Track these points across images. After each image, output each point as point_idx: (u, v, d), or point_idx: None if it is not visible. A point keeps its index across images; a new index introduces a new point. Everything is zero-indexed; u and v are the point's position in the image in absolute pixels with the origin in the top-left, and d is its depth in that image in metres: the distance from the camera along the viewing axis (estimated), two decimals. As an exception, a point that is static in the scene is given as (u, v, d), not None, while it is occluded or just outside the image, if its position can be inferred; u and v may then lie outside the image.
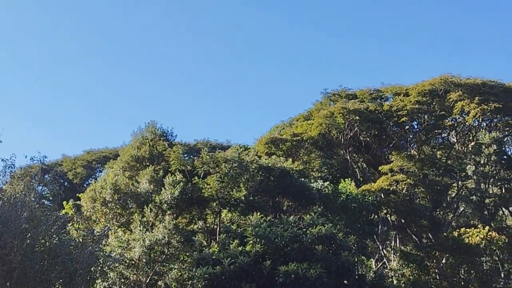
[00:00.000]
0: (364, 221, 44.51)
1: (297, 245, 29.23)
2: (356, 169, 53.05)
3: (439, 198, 48.42)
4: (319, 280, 27.80)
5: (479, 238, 42.76)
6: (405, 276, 44.47)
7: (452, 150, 51.49)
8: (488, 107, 47.04)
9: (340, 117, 49.05)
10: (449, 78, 50.51)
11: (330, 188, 43.11)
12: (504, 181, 48.95)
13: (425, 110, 49.64)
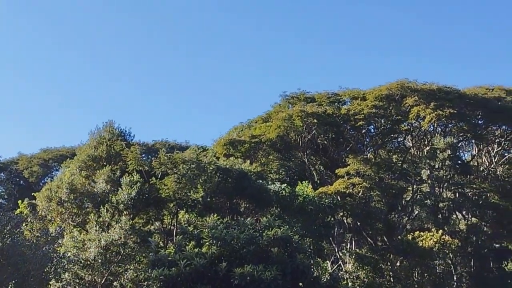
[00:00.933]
0: (320, 223, 45.01)
1: (253, 247, 29.46)
2: (313, 172, 53.65)
3: (394, 202, 49.37)
4: (274, 282, 28.08)
5: (433, 241, 43.64)
6: (360, 279, 45.18)
7: (408, 154, 52.51)
8: (443, 113, 48.05)
9: (299, 120, 49.55)
10: (405, 83, 51.44)
11: (288, 190, 43.49)
12: (458, 185, 50.19)
13: (381, 115, 50.49)
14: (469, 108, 51.82)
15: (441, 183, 49.52)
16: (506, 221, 50.58)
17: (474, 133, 52.42)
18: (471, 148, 58.01)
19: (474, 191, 50.91)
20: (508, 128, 53.78)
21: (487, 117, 52.57)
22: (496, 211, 50.32)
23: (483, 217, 50.45)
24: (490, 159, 55.06)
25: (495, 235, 51.66)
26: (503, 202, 50.66)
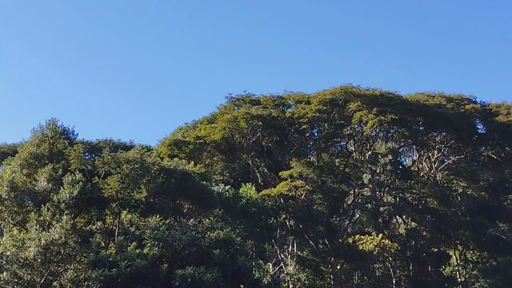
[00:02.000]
0: (263, 225, 45.63)
1: (195, 249, 29.78)
2: (257, 174, 54.33)
3: (336, 205, 50.50)
4: (215, 284, 28.46)
5: (373, 245, 44.74)
6: (301, 281, 46.09)
7: (350, 159, 53.77)
8: (385, 118, 49.49)
9: (244, 122, 50.14)
10: (349, 88, 52.68)
11: (231, 192, 44.03)
12: (398, 190, 51.57)
13: (325, 119, 51.56)
14: (411, 114, 53.41)
15: (382, 188, 50.69)
16: (444, 226, 52.31)
17: (415, 139, 54.03)
18: (411, 153, 59.74)
19: (414, 196, 52.45)
20: (448, 135, 55.64)
21: (427, 123, 54.28)
22: (434, 216, 51.92)
23: (422, 221, 51.90)
24: (430, 164, 56.82)
25: (433, 240, 53.31)
26: (441, 208, 52.44)
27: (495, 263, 52.95)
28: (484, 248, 54.97)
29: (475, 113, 56.84)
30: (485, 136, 58.40)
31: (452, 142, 56.05)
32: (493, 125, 57.24)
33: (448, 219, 52.44)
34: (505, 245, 53.39)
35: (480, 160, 59.37)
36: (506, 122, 56.25)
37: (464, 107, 56.39)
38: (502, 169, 57.38)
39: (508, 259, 51.22)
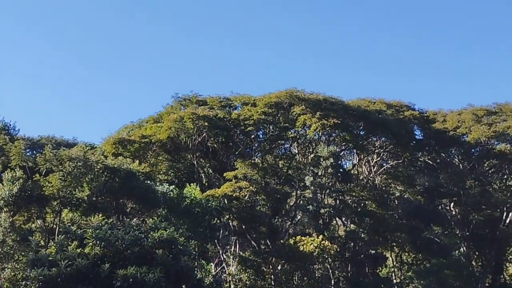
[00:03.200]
0: (206, 225, 44.86)
1: (138, 248, 28.80)
2: (202, 174, 53.52)
3: (279, 206, 50.17)
4: (157, 284, 27.57)
5: (313, 246, 44.59)
6: (242, 281, 45.51)
7: (293, 161, 53.60)
8: (328, 122, 49.47)
9: (190, 122, 49.32)
10: (294, 92, 52.58)
11: (175, 192, 43.09)
12: (339, 192, 51.68)
13: (270, 121, 51.30)
14: (352, 119, 53.65)
15: (323, 190, 50.74)
16: (382, 229, 52.67)
17: (355, 143, 54.28)
18: (352, 157, 59.99)
19: (354, 198, 52.66)
20: (387, 140, 56.09)
21: (368, 128, 54.61)
22: (373, 218, 52.17)
23: (361, 224, 52.08)
24: (370, 168, 57.18)
25: (371, 242, 53.56)
26: (379, 210, 52.77)
27: (429, 265, 53.67)
28: (419, 250, 55.56)
29: (413, 120, 57.53)
30: (422, 142, 59.12)
31: (391, 147, 56.52)
32: (430, 131, 58.04)
33: (385, 222, 52.81)
34: (439, 247, 54.25)
35: (417, 165, 60.10)
36: (442, 129, 57.14)
37: (403, 113, 57.00)
38: (438, 174, 58.18)
39: (441, 261, 52.00)
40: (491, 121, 56.43)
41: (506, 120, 56.14)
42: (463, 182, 56.68)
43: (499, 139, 56.08)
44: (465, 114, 58.05)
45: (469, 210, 57.34)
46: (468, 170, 58.04)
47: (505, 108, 58.60)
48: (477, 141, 55.46)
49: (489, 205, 56.71)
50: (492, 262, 58.47)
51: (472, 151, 58.35)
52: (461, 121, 57.06)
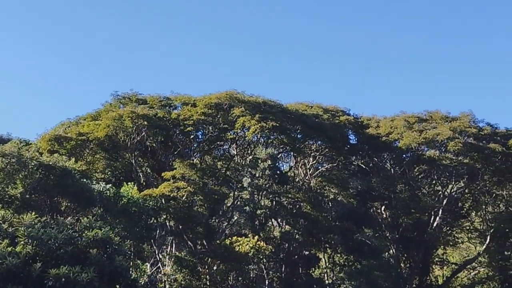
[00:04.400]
0: (143, 225, 43.86)
1: (71, 248, 27.69)
2: (140, 173, 52.34)
3: (216, 207, 49.56)
4: (90, 284, 26.56)
5: (249, 247, 44.31)
6: (178, 281, 44.67)
7: (232, 162, 53.10)
8: (266, 125, 49.20)
9: (129, 121, 48.17)
10: (234, 94, 52.15)
11: (112, 191, 41.86)
12: (275, 194, 51.44)
13: (210, 122, 50.68)
14: (290, 122, 53.54)
15: (260, 191, 50.50)
16: (316, 230, 52.76)
17: (293, 146, 54.17)
18: (289, 159, 60.05)
19: (289, 200, 52.48)
20: (323, 144, 56.28)
21: (305, 132, 54.57)
22: (307, 220, 52.18)
23: (295, 225, 52.06)
24: (306, 171, 57.23)
25: (305, 243, 53.58)
26: (314, 212, 52.78)
27: (360, 266, 54.04)
28: (350, 252, 55.89)
29: (348, 125, 57.89)
30: (356, 147, 59.58)
31: (327, 150, 56.75)
32: (364, 136, 58.51)
33: (319, 224, 52.90)
34: (370, 249, 54.63)
35: (351, 169, 60.54)
36: (375, 134, 57.67)
37: (338, 118, 57.29)
38: (370, 178, 58.76)
39: (371, 263, 52.43)
40: (422, 128, 57.25)
41: (436, 127, 57.13)
42: (394, 186, 57.54)
43: (429, 145, 56.94)
44: (397, 120, 58.75)
45: (399, 213, 58.20)
46: (399, 174, 58.84)
47: (435, 115, 59.72)
48: (408, 147, 56.12)
49: (418, 209, 57.70)
50: (420, 264, 59.51)
51: (403, 157, 59.09)
52: (394, 127, 57.69)
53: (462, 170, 56.51)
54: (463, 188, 59.96)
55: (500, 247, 58.36)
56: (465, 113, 59.78)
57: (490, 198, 60.89)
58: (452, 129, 56.09)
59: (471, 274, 63.22)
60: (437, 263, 63.27)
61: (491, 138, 58.65)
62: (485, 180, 59.33)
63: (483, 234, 60.49)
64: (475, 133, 57.44)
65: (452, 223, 61.13)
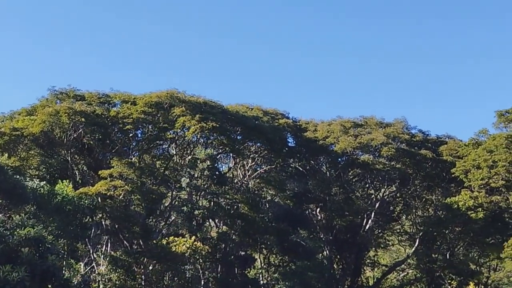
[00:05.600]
0: (77, 224, 42.15)
1: (2, 246, 26.24)
2: (76, 171, 50.34)
3: (154, 207, 48.13)
4: (21, 283, 25.21)
5: (185, 247, 43.39)
6: (112, 281, 42.98)
7: (171, 162, 51.75)
8: (206, 125, 48.17)
9: (66, 117, 46.19)
10: (175, 93, 50.99)
11: (46, 188, 39.90)
12: (213, 195, 50.56)
13: (150, 121, 49.26)
14: (230, 123, 52.84)
15: (198, 192, 49.55)
16: (252, 231, 52.05)
17: (232, 147, 53.38)
18: (228, 160, 59.25)
19: (227, 201, 51.66)
20: (262, 146, 55.80)
21: (245, 133, 53.99)
22: (244, 221, 51.44)
23: (232, 226, 51.23)
24: (244, 172, 56.64)
25: (241, 244, 52.95)
26: (251, 213, 52.12)
27: (294, 267, 53.78)
28: (286, 252, 55.54)
29: (287, 128, 57.83)
30: (294, 149, 59.50)
31: (265, 152, 56.29)
32: (302, 139, 58.54)
33: (256, 224, 52.27)
34: (304, 250, 54.57)
35: (288, 171, 60.36)
36: (313, 138, 57.86)
37: (278, 121, 57.14)
38: (306, 180, 58.82)
39: (305, 264, 52.30)
40: (357, 133, 57.80)
41: (370, 132, 57.75)
42: (329, 189, 57.77)
43: (363, 150, 57.44)
44: (334, 125, 59.13)
45: (333, 215, 58.42)
46: (334, 177, 59.07)
47: (370, 121, 60.40)
48: (344, 151, 56.52)
49: (352, 212, 58.17)
50: (352, 265, 59.97)
51: (338, 160, 59.38)
52: (331, 131, 58.01)
53: (394, 174, 57.27)
54: (395, 192, 60.87)
55: (428, 249, 59.31)
56: (399, 120, 60.76)
57: (420, 203, 62.01)
58: (386, 135, 56.81)
59: (400, 276, 64.10)
60: (368, 264, 63.85)
61: (422, 144, 59.80)
62: (416, 185, 60.35)
63: (412, 237, 61.47)
64: (407, 139, 58.47)
65: (384, 226, 61.84)
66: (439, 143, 61.02)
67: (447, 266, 57.83)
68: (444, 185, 58.63)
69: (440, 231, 57.16)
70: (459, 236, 57.57)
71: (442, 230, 56.97)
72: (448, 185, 58.45)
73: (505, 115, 56.60)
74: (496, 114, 56.86)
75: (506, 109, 56.77)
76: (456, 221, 54.12)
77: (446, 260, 58.05)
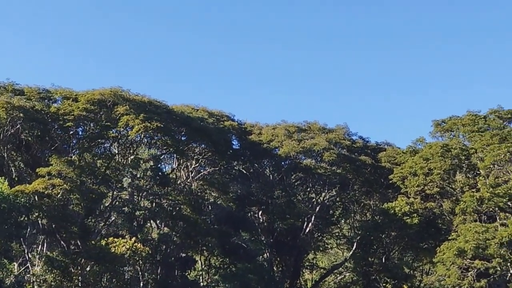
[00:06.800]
0: (12, 223, 39.59)
1: None
2: (12, 168, 47.61)
3: (93, 206, 45.84)
4: None
5: (125, 248, 41.95)
6: (47, 282, 40.58)
7: (113, 161, 49.51)
8: (151, 125, 46.53)
9: (3, 112, 43.71)
10: (119, 91, 49.21)
11: (-20, 186, 37.27)
12: (156, 195, 49.08)
13: (92, 119, 47.16)
14: (175, 124, 51.47)
15: (140, 192, 47.89)
16: (194, 233, 50.49)
17: (176, 148, 51.92)
18: (172, 161, 57.62)
19: (170, 202, 50.07)
20: (207, 147, 54.51)
21: (190, 134, 52.68)
22: (186, 222, 49.87)
23: (174, 227, 49.65)
24: (188, 173, 55.23)
25: (183, 245, 51.33)
26: (193, 215, 50.65)
27: (235, 269, 52.83)
28: (227, 254, 54.33)
29: (232, 130, 57.01)
30: (238, 152, 58.62)
31: (210, 154, 54.96)
32: (246, 142, 57.78)
33: (198, 226, 50.78)
34: (245, 252, 53.87)
35: (232, 173, 59.29)
36: (257, 141, 57.19)
37: (223, 123, 56.21)
38: (250, 183, 57.86)
39: (246, 266, 51.57)
40: (301, 137, 57.53)
41: (313, 137, 57.48)
42: (272, 192, 57.14)
43: (306, 154, 57.11)
44: (278, 129, 58.67)
45: (275, 218, 57.75)
46: (277, 181, 58.48)
47: (313, 126, 60.19)
48: (287, 154, 56.13)
49: (293, 215, 57.50)
50: (291, 268, 59.36)
51: (282, 164, 58.86)
52: (275, 135, 57.52)
53: (335, 179, 57.12)
54: (335, 197, 60.68)
55: (365, 253, 59.12)
56: (341, 126, 60.78)
57: (358, 207, 62.08)
58: (328, 140, 56.72)
59: (337, 278, 63.94)
60: (307, 267, 63.33)
61: (362, 150, 59.96)
62: (355, 190, 60.34)
63: (350, 241, 61.37)
64: (348, 145, 58.58)
65: (323, 229, 61.49)
66: (378, 150, 61.31)
67: (383, 269, 57.76)
68: (382, 190, 58.80)
69: (377, 235, 57.06)
70: (395, 240, 57.66)
71: (378, 235, 56.88)
72: (385, 191, 58.61)
73: (441, 124, 57.42)
74: (433, 124, 57.82)
75: (442, 119, 57.72)
76: (392, 226, 54.08)
77: (382, 263, 58.01)
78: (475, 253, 43.18)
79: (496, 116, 54.41)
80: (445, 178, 50.99)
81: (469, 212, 46.63)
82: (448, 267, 44.81)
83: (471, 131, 53.29)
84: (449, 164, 50.23)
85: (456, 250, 43.70)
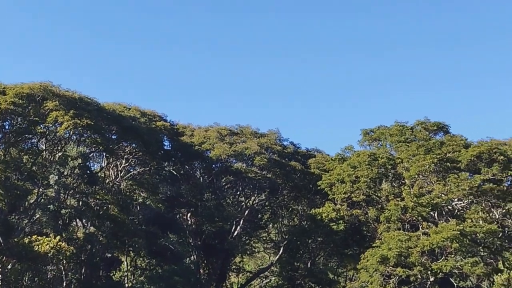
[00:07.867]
0: None
1: None
2: None
3: (17, 203, 44.36)
4: None
5: (49, 247, 40.63)
6: (-36, 281, 38.96)
7: (39, 157, 48.10)
8: (80, 122, 45.48)
9: None
10: (49, 86, 47.83)
11: None
12: (83, 194, 48.07)
13: (19, 113, 45.48)
14: (106, 122, 50.50)
15: (67, 190, 46.64)
16: (121, 233, 49.80)
17: (106, 146, 50.75)
18: (101, 160, 56.38)
19: (97, 201, 49.08)
20: (137, 147, 53.83)
21: (120, 133, 51.85)
22: (113, 222, 48.96)
23: (101, 227, 48.62)
24: (117, 173, 54.32)
25: (109, 245, 50.28)
26: (121, 215, 49.81)
27: (161, 271, 52.34)
28: (153, 256, 53.86)
29: (164, 130, 56.68)
30: (170, 153, 58.32)
31: (140, 154, 54.27)
32: (178, 143, 57.54)
33: (125, 227, 50.05)
34: (172, 254, 53.41)
35: (162, 174, 58.77)
36: (189, 143, 57.08)
37: (155, 123, 55.79)
38: (180, 184, 57.67)
39: (172, 268, 51.29)
40: (233, 140, 57.83)
41: (245, 141, 57.89)
42: (202, 194, 57.11)
43: (237, 158, 57.46)
44: (211, 131, 58.72)
45: (203, 221, 57.61)
46: (207, 183, 58.50)
47: (245, 130, 60.59)
48: (219, 157, 56.30)
49: (222, 218, 57.60)
50: (218, 271, 59.41)
51: (213, 166, 58.99)
52: (207, 137, 57.58)
53: (265, 183, 57.72)
54: (264, 201, 61.29)
55: (291, 258, 60.00)
56: (273, 131, 61.48)
57: (286, 212, 62.90)
58: (260, 144, 57.22)
59: (263, 282, 64.51)
60: (234, 270, 63.62)
61: (293, 156, 60.83)
62: (284, 194, 61.14)
63: (277, 245, 62.14)
64: (279, 150, 59.29)
65: (251, 233, 61.96)
66: (308, 156, 62.33)
67: (308, 274, 58.71)
68: (310, 196, 59.74)
69: (303, 240, 57.96)
70: (321, 246, 58.77)
71: (305, 240, 57.80)
72: (314, 197, 59.56)
73: (369, 134, 58.80)
74: (361, 132, 59.07)
75: (370, 128, 59.11)
76: (319, 231, 54.97)
77: (307, 268, 59.00)
78: (398, 260, 43.94)
79: (422, 128, 56.14)
80: (371, 186, 52.11)
81: (393, 220, 47.63)
82: (371, 273, 45.40)
83: (398, 141, 54.72)
84: (376, 172, 51.33)
85: (379, 257, 44.37)
